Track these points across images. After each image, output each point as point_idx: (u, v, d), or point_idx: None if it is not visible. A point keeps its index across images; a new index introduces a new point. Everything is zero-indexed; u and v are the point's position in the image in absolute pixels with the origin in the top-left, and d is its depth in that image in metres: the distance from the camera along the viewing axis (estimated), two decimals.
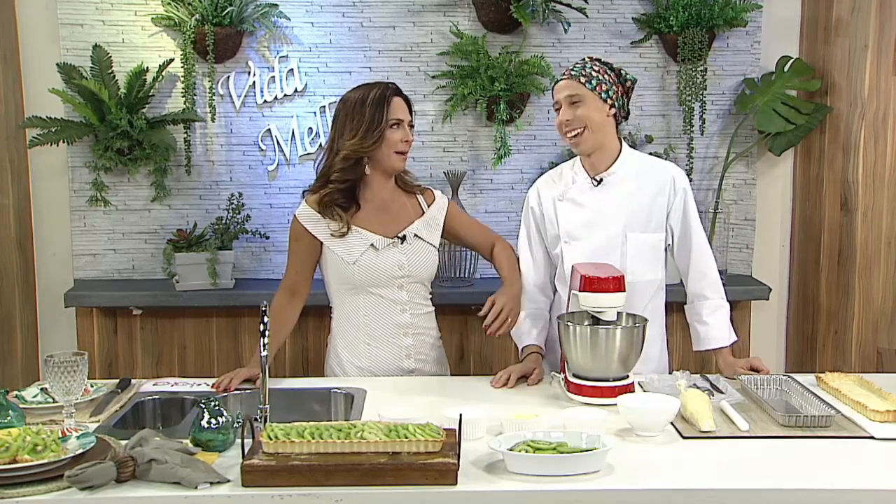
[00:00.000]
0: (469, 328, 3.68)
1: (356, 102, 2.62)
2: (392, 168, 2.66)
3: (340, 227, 2.62)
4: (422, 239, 2.70)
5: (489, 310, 2.54)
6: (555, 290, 2.76)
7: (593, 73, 2.56)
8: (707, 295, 2.66)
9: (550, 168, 3.03)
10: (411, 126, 2.68)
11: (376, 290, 2.66)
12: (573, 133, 2.57)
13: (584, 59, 2.64)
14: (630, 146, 3.58)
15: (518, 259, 2.76)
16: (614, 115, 2.61)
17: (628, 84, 2.64)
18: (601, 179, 2.63)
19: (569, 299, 2.55)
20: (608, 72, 2.61)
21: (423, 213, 2.74)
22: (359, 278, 2.63)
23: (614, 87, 2.59)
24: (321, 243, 2.65)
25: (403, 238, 2.67)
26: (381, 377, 2.65)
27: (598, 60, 2.63)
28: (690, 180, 3.72)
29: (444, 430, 1.90)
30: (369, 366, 2.68)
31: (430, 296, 2.78)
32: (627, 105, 2.66)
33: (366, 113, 2.60)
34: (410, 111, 2.70)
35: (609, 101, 2.58)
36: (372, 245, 2.63)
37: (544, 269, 2.74)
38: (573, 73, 2.58)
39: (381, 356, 2.68)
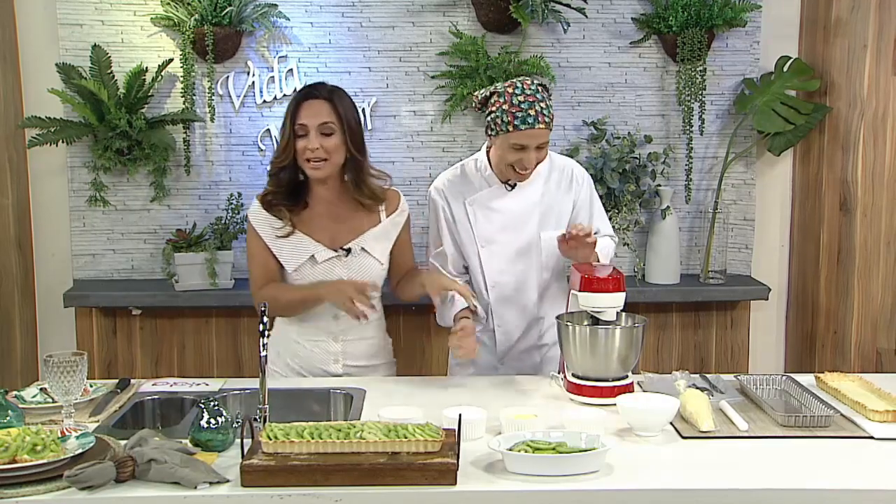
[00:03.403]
0: None
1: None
2: (310, 176, 2.57)
3: (284, 225, 2.57)
4: (368, 253, 2.62)
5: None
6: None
7: (552, 112, 2.54)
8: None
9: None
10: (328, 133, 2.51)
11: None
12: (528, 172, 2.60)
13: (539, 93, 2.53)
14: (629, 146, 3.63)
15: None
16: None
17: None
18: (515, 185, 2.69)
19: (568, 299, 2.55)
20: (551, 98, 2.62)
21: (380, 222, 2.65)
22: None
23: None
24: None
25: (348, 251, 2.59)
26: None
27: (541, 85, 2.58)
28: (690, 180, 3.76)
29: (444, 430, 1.90)
30: (299, 364, 2.67)
31: (375, 304, 2.67)
32: None
33: (281, 125, 2.57)
34: (338, 112, 2.53)
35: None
36: (312, 256, 2.58)
37: (455, 260, 2.77)
38: (547, 119, 2.51)
39: (308, 357, 2.66)
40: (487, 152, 2.70)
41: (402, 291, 2.74)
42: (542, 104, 2.52)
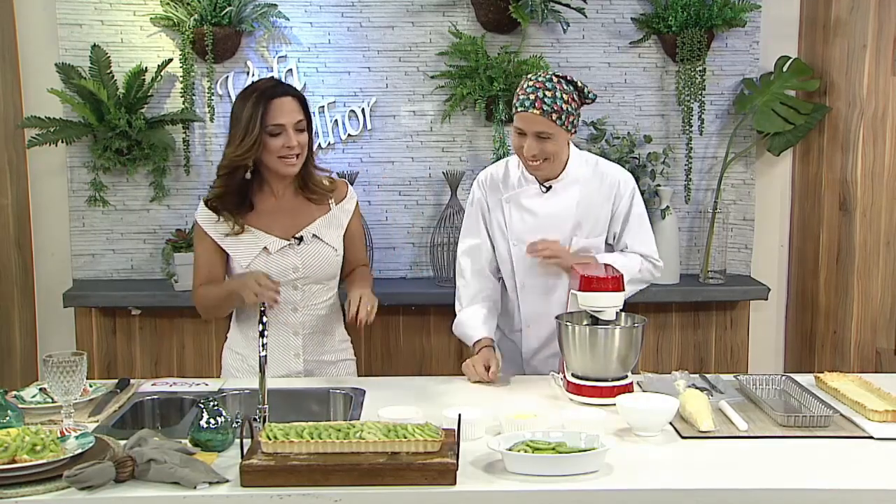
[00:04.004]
0: None
1: (235, 107, 2.51)
2: (282, 174, 2.55)
3: (233, 227, 2.55)
4: (321, 239, 2.60)
5: (355, 307, 2.47)
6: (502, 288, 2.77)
7: (563, 106, 2.47)
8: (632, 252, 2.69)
9: None
10: (301, 130, 2.51)
11: None
12: (537, 163, 2.54)
13: (552, 83, 2.48)
14: (629, 146, 3.63)
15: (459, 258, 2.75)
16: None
17: (588, 101, 2.57)
18: (550, 186, 2.63)
19: (567, 299, 2.55)
20: (574, 97, 2.51)
21: (329, 210, 2.64)
22: None
23: (578, 112, 2.54)
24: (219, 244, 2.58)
25: (300, 239, 2.58)
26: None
27: (564, 79, 2.52)
28: (689, 180, 3.76)
29: (443, 430, 1.90)
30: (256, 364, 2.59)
31: (333, 296, 2.69)
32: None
33: (242, 120, 2.47)
34: (305, 109, 2.54)
35: (573, 130, 2.55)
36: (265, 248, 2.55)
37: (489, 256, 2.72)
38: (545, 107, 2.45)
39: (269, 354, 2.54)
40: None
41: (347, 288, 2.70)
42: (549, 92, 2.46)
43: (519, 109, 2.50)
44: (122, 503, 1.75)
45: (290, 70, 3.65)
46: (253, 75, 3.64)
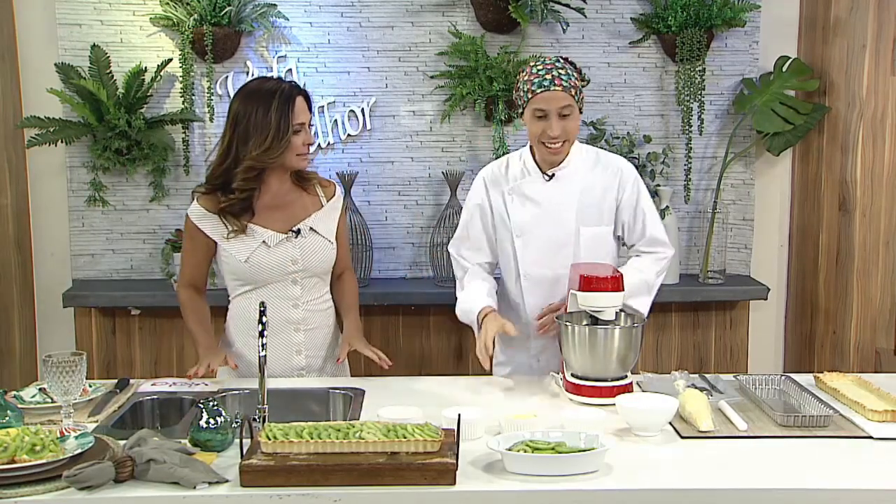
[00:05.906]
0: (466, 328, 3.67)
1: (258, 110, 2.53)
2: (295, 168, 2.66)
3: (234, 228, 2.59)
4: (317, 232, 2.67)
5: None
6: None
7: (575, 83, 2.53)
8: (654, 251, 2.70)
9: None
10: (311, 125, 2.66)
11: (269, 286, 2.63)
12: (558, 145, 2.54)
13: (560, 62, 2.56)
14: (629, 146, 3.63)
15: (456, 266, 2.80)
16: None
17: (584, 83, 2.62)
18: (553, 174, 2.64)
19: (567, 299, 2.55)
20: (580, 77, 2.59)
21: (322, 206, 2.71)
22: (251, 275, 2.62)
23: (583, 92, 2.59)
24: (215, 242, 2.62)
25: (298, 232, 2.64)
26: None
27: (566, 60, 2.59)
28: (689, 180, 3.76)
29: (443, 430, 1.90)
30: (253, 364, 2.63)
31: (328, 292, 2.76)
32: None
33: (271, 122, 2.52)
34: (309, 106, 2.64)
35: (582, 109, 2.58)
36: (264, 242, 2.60)
37: (488, 252, 2.74)
38: (564, 83, 2.49)
39: (270, 352, 2.61)
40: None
41: (334, 294, 2.80)
42: (562, 71, 2.51)
43: (538, 91, 2.50)
44: (122, 503, 1.75)
45: (290, 70, 3.65)
46: (252, 75, 3.64)
